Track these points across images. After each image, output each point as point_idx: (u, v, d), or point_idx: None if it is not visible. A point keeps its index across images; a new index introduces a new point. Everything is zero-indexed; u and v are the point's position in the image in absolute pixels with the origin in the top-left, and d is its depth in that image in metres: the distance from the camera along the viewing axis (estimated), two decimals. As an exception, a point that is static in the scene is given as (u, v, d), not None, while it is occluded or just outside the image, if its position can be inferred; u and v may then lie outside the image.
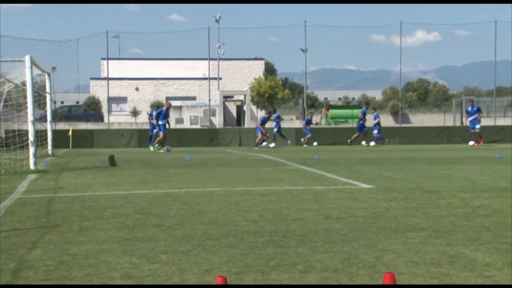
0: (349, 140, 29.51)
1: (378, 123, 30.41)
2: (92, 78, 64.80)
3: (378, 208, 7.51)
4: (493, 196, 8.48)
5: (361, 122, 29.64)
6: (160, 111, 25.59)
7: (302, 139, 31.33)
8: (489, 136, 32.43)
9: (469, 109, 28.92)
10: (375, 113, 31.03)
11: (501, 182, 10.41)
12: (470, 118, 28.40)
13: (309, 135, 31.15)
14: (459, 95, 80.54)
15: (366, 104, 35.77)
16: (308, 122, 31.83)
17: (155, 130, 26.53)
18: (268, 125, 29.45)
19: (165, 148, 24.51)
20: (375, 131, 29.96)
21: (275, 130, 30.25)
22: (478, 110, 28.54)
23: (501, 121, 42.23)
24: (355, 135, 29.70)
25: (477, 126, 28.11)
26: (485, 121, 44.44)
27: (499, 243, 5.32)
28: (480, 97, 66.26)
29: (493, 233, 5.80)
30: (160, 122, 24.99)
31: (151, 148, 26.39)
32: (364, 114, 30.18)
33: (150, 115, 28.80)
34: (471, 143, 28.06)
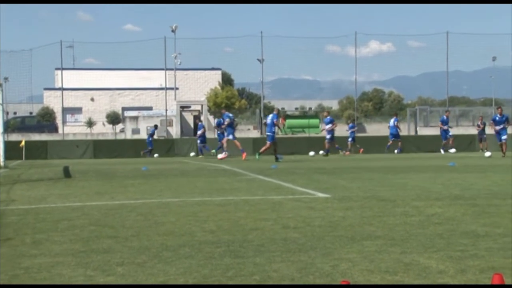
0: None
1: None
2: (46, 89, 63.87)
3: (335, 217, 7.57)
4: (446, 204, 8.64)
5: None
6: (273, 116, 24.63)
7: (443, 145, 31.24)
8: (442, 145, 33.05)
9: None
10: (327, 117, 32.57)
11: (453, 190, 10.61)
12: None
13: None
14: (413, 104, 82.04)
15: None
16: (445, 122, 31.55)
17: (230, 137, 26.20)
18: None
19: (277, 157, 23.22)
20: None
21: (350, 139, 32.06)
22: (353, 126, 33.09)
23: (454, 130, 43.09)
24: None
25: (349, 139, 32.19)
26: (438, 131, 45.25)
27: (452, 250, 5.42)
28: (433, 107, 67.54)
29: (446, 240, 5.90)
30: (269, 133, 24.02)
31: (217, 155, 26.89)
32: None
33: (218, 124, 29.19)
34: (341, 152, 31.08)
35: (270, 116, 24.81)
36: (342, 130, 36.11)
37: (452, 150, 30.17)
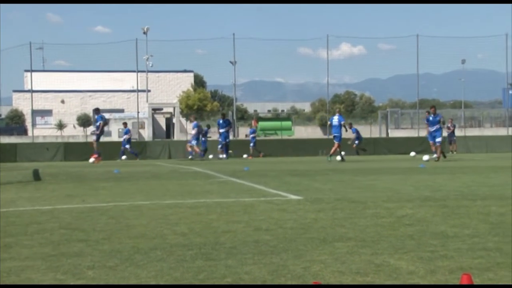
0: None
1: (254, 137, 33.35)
2: (15, 91, 63.15)
3: (307, 219, 7.60)
4: (416, 206, 8.73)
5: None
6: (339, 117, 24.84)
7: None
8: (413, 147, 33.41)
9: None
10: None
11: (423, 192, 10.73)
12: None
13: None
14: (385, 107, 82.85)
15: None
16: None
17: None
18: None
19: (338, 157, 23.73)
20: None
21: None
22: (254, 131, 34.22)
23: (424, 132, 43.54)
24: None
25: (251, 144, 32.62)
26: (409, 133, 45.83)
27: (422, 251, 5.48)
28: (404, 109, 68.20)
29: (416, 241, 5.96)
30: (337, 134, 24.50)
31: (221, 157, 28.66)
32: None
33: (218, 124, 30.48)
34: (245, 156, 31.32)
35: (336, 117, 24.78)
36: (316, 132, 36.19)
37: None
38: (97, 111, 29.08)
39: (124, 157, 29.79)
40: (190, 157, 28.23)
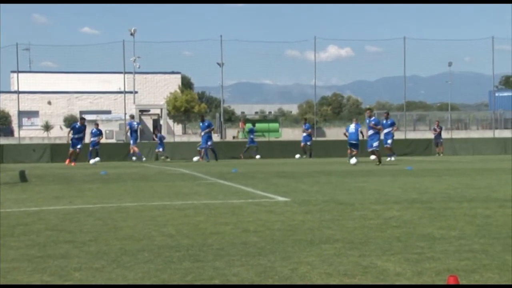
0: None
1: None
2: (1, 92, 62.73)
3: (294, 220, 7.60)
4: (404, 208, 8.76)
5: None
6: (356, 125, 24.84)
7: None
8: (400, 149, 33.53)
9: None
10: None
11: (411, 194, 10.77)
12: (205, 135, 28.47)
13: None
14: (372, 109, 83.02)
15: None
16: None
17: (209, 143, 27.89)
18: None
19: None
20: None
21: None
22: (209, 126, 29.16)
23: (411, 135, 43.86)
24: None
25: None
26: (396, 135, 45.95)
27: (409, 253, 5.50)
28: (391, 111, 68.45)
29: (403, 243, 5.98)
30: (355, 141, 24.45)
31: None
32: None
33: (201, 128, 28.93)
34: (195, 159, 28.14)
35: (353, 125, 24.72)
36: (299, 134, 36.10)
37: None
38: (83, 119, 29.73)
39: (97, 158, 29.01)
40: (134, 158, 28.74)
